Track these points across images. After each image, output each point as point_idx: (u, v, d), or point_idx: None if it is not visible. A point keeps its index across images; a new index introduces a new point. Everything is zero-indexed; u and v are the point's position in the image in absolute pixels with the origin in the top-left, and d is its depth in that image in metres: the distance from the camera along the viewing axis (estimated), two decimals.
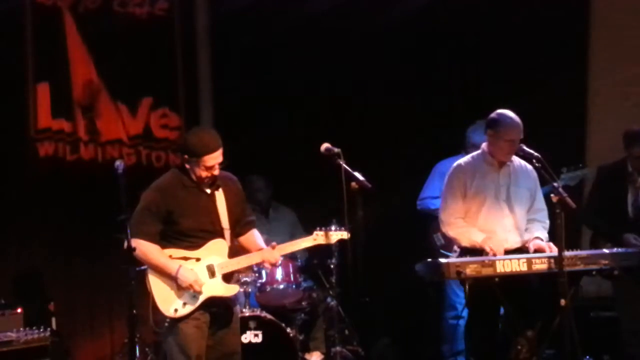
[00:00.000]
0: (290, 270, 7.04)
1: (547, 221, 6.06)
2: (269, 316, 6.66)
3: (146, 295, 5.56)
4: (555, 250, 5.78)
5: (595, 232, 6.57)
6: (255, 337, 6.53)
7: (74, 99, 7.67)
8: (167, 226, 5.25)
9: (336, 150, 5.54)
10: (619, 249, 6.02)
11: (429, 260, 5.83)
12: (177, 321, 5.24)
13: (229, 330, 5.40)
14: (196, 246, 5.27)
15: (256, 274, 6.95)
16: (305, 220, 7.52)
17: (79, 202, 7.49)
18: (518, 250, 5.97)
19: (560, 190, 5.61)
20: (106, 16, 7.77)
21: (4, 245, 7.27)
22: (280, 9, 8.00)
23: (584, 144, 8.02)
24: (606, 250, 5.92)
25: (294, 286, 7.06)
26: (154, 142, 8.00)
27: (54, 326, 6.84)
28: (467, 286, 5.78)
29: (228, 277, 5.37)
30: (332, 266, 7.13)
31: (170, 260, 5.23)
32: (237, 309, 5.56)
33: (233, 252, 5.41)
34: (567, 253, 5.69)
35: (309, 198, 7.74)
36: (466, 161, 6.12)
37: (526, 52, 7.87)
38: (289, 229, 7.52)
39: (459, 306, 6.84)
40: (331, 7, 7.93)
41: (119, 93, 7.83)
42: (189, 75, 8.18)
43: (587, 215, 6.57)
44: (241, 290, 6.48)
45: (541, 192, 6.14)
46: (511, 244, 5.97)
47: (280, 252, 5.40)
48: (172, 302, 5.23)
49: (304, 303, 7.19)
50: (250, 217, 5.54)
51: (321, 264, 7.24)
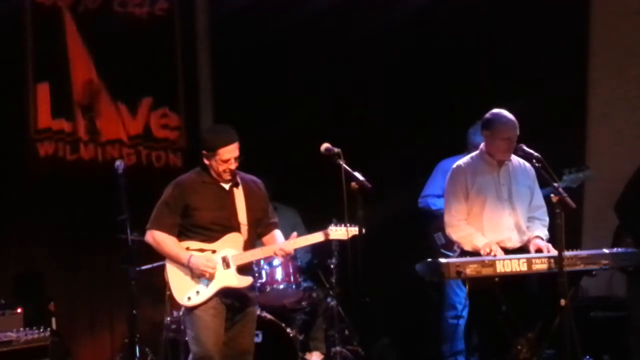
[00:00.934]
0: (290, 270, 7.04)
1: (547, 218, 6.07)
2: (269, 316, 6.66)
3: (148, 295, 5.60)
4: (553, 251, 5.79)
5: (622, 225, 6.49)
6: (255, 337, 6.51)
7: (74, 99, 7.67)
8: (185, 219, 5.42)
9: (336, 150, 5.54)
10: (619, 249, 6.02)
11: (429, 260, 5.83)
12: (194, 310, 5.35)
13: (244, 330, 5.51)
14: (212, 239, 5.43)
15: (256, 274, 6.94)
16: (305, 220, 7.52)
17: (79, 202, 7.49)
18: (520, 250, 5.98)
19: (561, 190, 5.61)
20: (106, 16, 7.77)
21: (4, 245, 7.27)
22: (280, 9, 8.00)
23: (584, 144, 8.01)
24: (606, 250, 5.92)
25: (294, 286, 7.05)
26: (154, 142, 8.00)
27: (54, 326, 6.84)
28: (467, 286, 5.79)
29: (243, 270, 5.47)
30: (332, 266, 7.13)
31: (183, 250, 5.40)
32: (255, 309, 5.67)
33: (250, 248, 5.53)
34: (567, 253, 5.68)
35: (308, 198, 7.75)
36: (465, 162, 6.14)
37: (526, 52, 7.87)
38: (291, 229, 7.44)
39: (459, 306, 6.84)
40: (331, 7, 7.94)
41: (119, 93, 7.83)
42: (189, 75, 8.19)
43: (621, 207, 6.48)
44: None
45: (539, 189, 6.15)
46: (514, 243, 5.99)
47: (295, 245, 5.52)
48: (186, 291, 5.37)
49: (304, 303, 7.19)
50: (273, 219, 5.69)
51: (321, 264, 7.24)
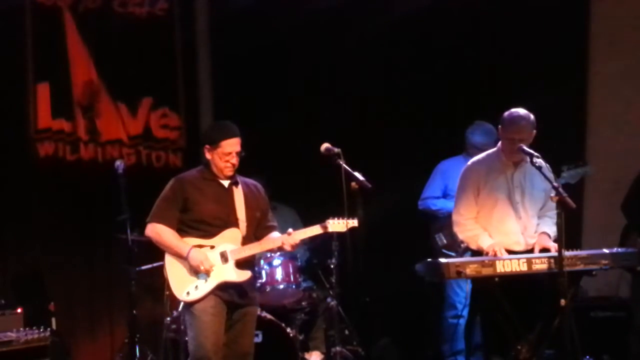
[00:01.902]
0: (290, 270, 7.04)
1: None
2: (269, 316, 6.66)
3: (147, 295, 5.60)
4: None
5: (629, 224, 6.49)
6: (255, 337, 6.50)
7: (74, 99, 7.67)
8: (184, 214, 5.46)
9: (336, 150, 5.55)
10: (619, 249, 6.02)
11: (429, 260, 5.83)
12: (193, 308, 5.34)
13: (244, 331, 5.52)
14: (211, 235, 5.46)
15: (256, 274, 6.94)
16: (305, 220, 7.51)
17: (79, 202, 7.49)
18: (526, 253, 5.93)
19: (561, 190, 5.60)
20: (106, 16, 7.77)
21: (4, 245, 7.27)
22: (280, 9, 8.01)
23: (584, 143, 8.01)
24: (606, 250, 5.92)
25: (294, 286, 7.05)
26: (154, 142, 8.00)
27: (54, 326, 6.83)
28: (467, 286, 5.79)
29: (242, 265, 5.48)
30: (332, 266, 7.11)
31: (183, 243, 5.42)
32: (255, 309, 5.66)
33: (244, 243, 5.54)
34: (567, 253, 5.68)
35: (308, 198, 7.74)
36: (480, 159, 6.08)
37: (526, 52, 7.87)
38: (289, 229, 7.47)
39: (459, 305, 6.85)
40: (331, 7, 7.94)
41: (119, 93, 7.83)
42: (189, 75, 8.19)
43: (628, 206, 6.48)
44: None
45: None
46: (522, 246, 5.97)
47: (298, 236, 5.52)
48: (185, 286, 5.39)
49: (304, 303, 7.19)
50: (272, 222, 5.72)
51: (321, 264, 7.24)
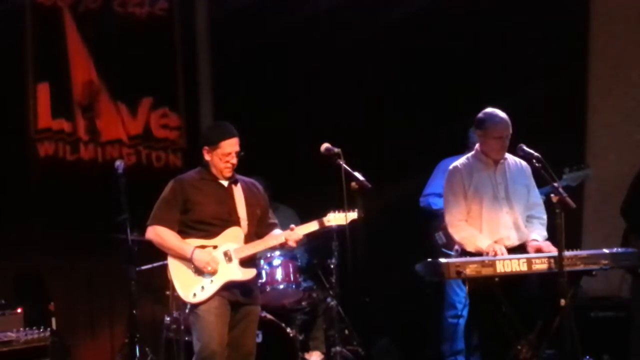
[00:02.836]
0: (290, 270, 7.04)
1: (545, 216, 6.09)
2: (269, 316, 6.66)
3: (148, 295, 5.59)
4: (552, 249, 5.81)
5: (629, 227, 6.49)
6: (255, 337, 6.53)
7: (74, 99, 7.68)
8: (185, 215, 5.45)
9: (336, 150, 5.54)
10: (619, 249, 6.02)
11: (429, 260, 5.83)
12: (198, 309, 5.34)
13: (246, 331, 5.51)
14: (213, 234, 5.45)
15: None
16: (306, 220, 7.49)
17: (79, 202, 7.49)
18: (519, 248, 5.98)
19: (561, 190, 5.61)
20: (106, 16, 7.77)
21: (4, 245, 7.26)
22: (280, 9, 8.00)
23: (583, 143, 8.02)
24: (606, 250, 5.92)
25: (294, 286, 7.05)
26: (154, 142, 8.01)
27: (54, 326, 6.83)
28: (468, 286, 5.79)
29: (246, 263, 5.47)
30: (332, 266, 7.12)
31: (186, 244, 5.41)
32: (258, 309, 5.65)
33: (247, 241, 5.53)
34: (567, 253, 5.69)
35: (309, 198, 7.72)
36: (462, 162, 6.16)
37: (526, 52, 7.87)
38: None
39: (458, 305, 6.85)
40: (331, 7, 7.94)
41: (119, 93, 7.83)
42: (189, 75, 8.19)
43: (627, 209, 6.49)
44: None
45: (536, 187, 6.16)
46: (512, 241, 6.00)
47: (301, 231, 5.51)
48: (191, 287, 5.37)
49: (304, 303, 7.19)
50: (273, 220, 5.73)
51: (321, 264, 7.24)
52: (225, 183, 5.54)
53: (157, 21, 8.03)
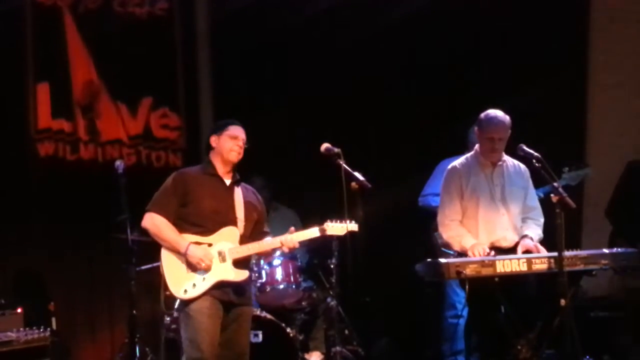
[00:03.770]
0: (290, 270, 7.04)
1: (541, 218, 6.08)
2: (269, 316, 6.66)
3: (147, 295, 5.57)
4: (542, 251, 5.82)
5: (615, 230, 6.50)
6: (255, 337, 6.52)
7: (74, 99, 7.68)
8: (183, 209, 5.38)
9: (336, 150, 5.54)
10: (619, 249, 6.03)
11: (429, 260, 5.83)
12: (189, 308, 5.28)
13: (239, 330, 5.44)
14: (209, 232, 5.37)
15: (256, 274, 6.95)
16: (305, 220, 7.50)
17: (79, 202, 7.49)
18: (515, 248, 5.97)
19: (560, 190, 5.61)
20: (106, 16, 7.78)
21: (4, 245, 7.26)
22: (280, 9, 8.01)
23: (583, 143, 8.02)
24: (606, 250, 5.92)
25: (294, 286, 7.06)
26: (154, 142, 8.01)
27: (54, 326, 6.83)
28: (467, 286, 5.79)
29: (240, 264, 5.42)
30: (332, 266, 7.12)
31: (182, 238, 5.33)
32: (250, 309, 5.61)
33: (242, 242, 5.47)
34: (567, 253, 5.68)
35: (309, 198, 7.74)
36: (460, 162, 6.15)
37: (526, 52, 7.87)
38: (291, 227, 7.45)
39: (458, 305, 6.84)
40: (331, 7, 7.94)
41: (119, 93, 7.83)
42: (189, 75, 8.19)
43: (612, 212, 6.50)
44: None
45: (534, 190, 6.16)
46: (509, 242, 5.99)
47: (297, 238, 5.45)
48: (182, 283, 5.30)
49: (304, 303, 7.19)
50: (266, 229, 5.65)
51: (321, 264, 7.24)
52: (227, 181, 5.49)
53: (157, 21, 8.04)
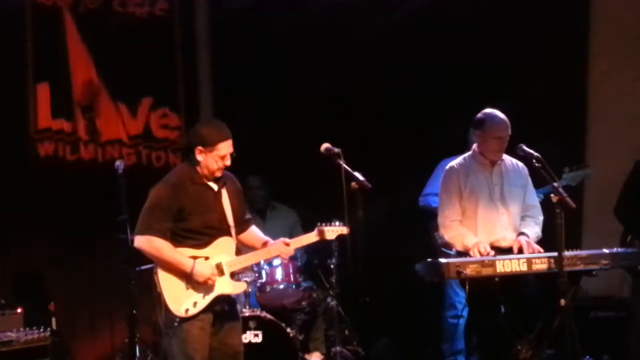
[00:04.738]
0: (290, 270, 7.04)
1: (540, 217, 6.10)
2: (269, 316, 6.66)
3: (147, 295, 5.54)
4: (535, 248, 5.85)
5: (627, 229, 6.48)
6: (255, 337, 6.53)
7: (74, 99, 7.68)
8: (176, 224, 5.20)
9: (336, 150, 5.54)
10: (619, 249, 6.03)
11: (429, 260, 5.84)
12: (182, 322, 5.18)
13: (232, 331, 5.37)
14: (204, 244, 5.23)
15: (256, 274, 6.95)
16: (305, 220, 7.52)
17: (79, 202, 7.49)
18: (512, 248, 5.98)
19: (560, 190, 5.61)
20: (106, 16, 7.77)
21: (4, 245, 7.27)
22: (280, 9, 8.01)
23: (583, 143, 8.02)
24: (606, 250, 5.92)
25: (294, 286, 7.06)
26: (154, 142, 8.01)
27: (54, 326, 6.82)
28: (468, 286, 5.79)
29: (233, 275, 5.36)
30: (332, 266, 7.12)
31: (184, 257, 5.17)
32: (238, 307, 5.54)
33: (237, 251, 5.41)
34: (567, 253, 5.69)
35: (309, 198, 7.74)
36: (458, 162, 6.16)
37: (526, 52, 7.87)
38: (288, 230, 7.44)
39: (458, 305, 6.85)
40: (331, 7, 7.93)
41: (119, 93, 7.83)
42: (189, 75, 8.19)
43: (620, 210, 6.49)
44: None
45: (533, 189, 6.17)
46: (508, 241, 6.01)
47: (294, 245, 5.40)
48: (182, 302, 5.17)
49: (304, 303, 7.19)
50: (248, 216, 5.56)
51: (321, 264, 7.24)
52: (215, 187, 5.30)
53: (157, 21, 8.03)
